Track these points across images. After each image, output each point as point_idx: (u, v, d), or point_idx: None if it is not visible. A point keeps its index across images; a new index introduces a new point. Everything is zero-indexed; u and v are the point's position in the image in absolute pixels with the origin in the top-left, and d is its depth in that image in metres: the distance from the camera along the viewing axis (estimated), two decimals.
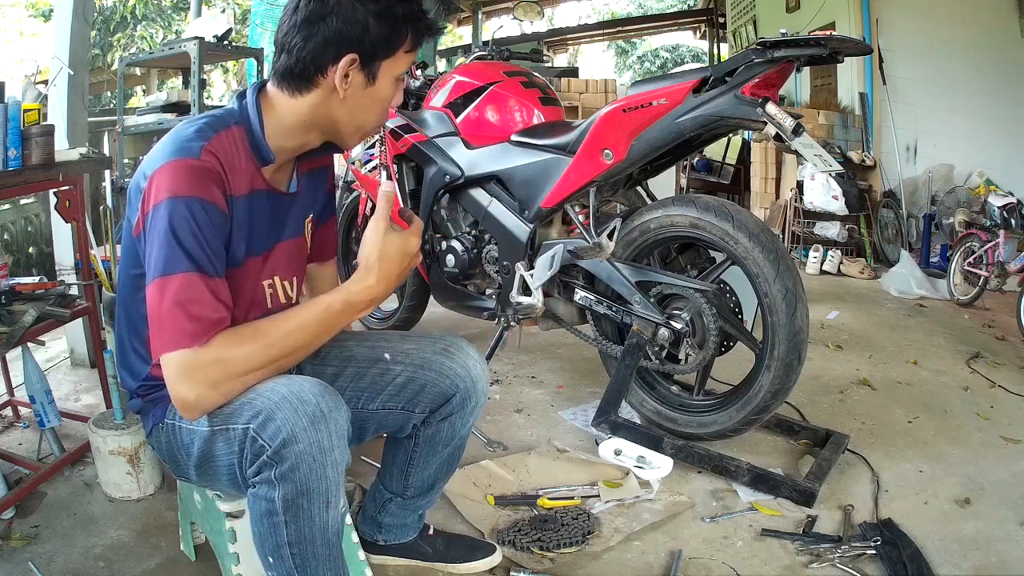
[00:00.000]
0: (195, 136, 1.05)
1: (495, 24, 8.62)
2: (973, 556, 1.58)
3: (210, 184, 1.02)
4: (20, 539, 1.57)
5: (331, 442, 1.00)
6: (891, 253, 5.03)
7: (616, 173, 1.99)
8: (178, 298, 0.97)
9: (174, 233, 0.98)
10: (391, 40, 1.08)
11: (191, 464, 1.14)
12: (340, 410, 1.03)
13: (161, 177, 1.00)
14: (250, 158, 1.11)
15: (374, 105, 1.13)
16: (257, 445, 0.99)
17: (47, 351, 2.66)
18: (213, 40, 3.42)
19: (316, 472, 0.99)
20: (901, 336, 3.32)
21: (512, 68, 2.42)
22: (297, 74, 1.08)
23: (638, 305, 1.98)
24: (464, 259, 2.34)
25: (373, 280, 1.07)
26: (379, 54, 1.08)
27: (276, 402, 0.99)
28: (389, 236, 1.08)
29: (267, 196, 1.16)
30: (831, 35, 1.67)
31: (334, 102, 1.10)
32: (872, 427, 2.25)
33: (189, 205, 0.99)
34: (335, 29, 1.04)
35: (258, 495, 1.02)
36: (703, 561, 1.55)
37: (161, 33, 9.17)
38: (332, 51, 1.05)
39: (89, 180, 2.66)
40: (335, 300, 1.07)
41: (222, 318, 1.00)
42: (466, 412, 1.35)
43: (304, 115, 1.11)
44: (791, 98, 6.78)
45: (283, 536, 1.02)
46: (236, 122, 1.11)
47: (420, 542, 1.52)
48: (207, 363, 0.97)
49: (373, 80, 1.10)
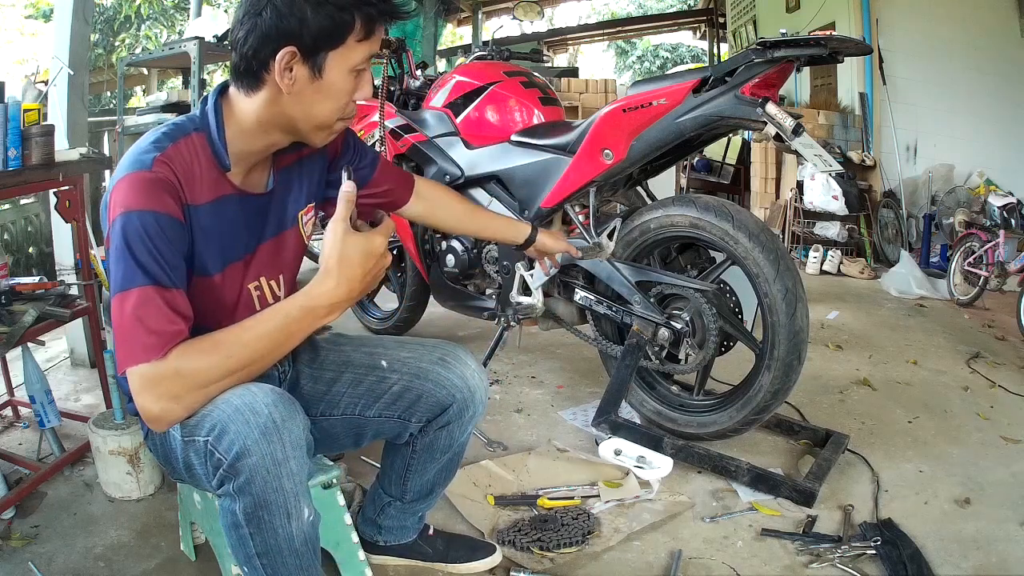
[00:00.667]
0: (150, 148, 1.03)
1: (495, 24, 8.63)
2: (973, 556, 1.58)
3: (163, 195, 1.00)
4: (20, 539, 1.57)
5: (285, 453, 0.97)
6: (891, 253, 5.03)
7: (616, 173, 1.99)
8: (136, 313, 0.95)
9: (128, 248, 0.96)
10: (334, 31, 1.02)
11: (182, 468, 1.14)
12: (295, 420, 1.00)
13: (117, 192, 0.99)
14: (212, 164, 1.08)
15: (327, 99, 1.07)
16: (215, 458, 0.98)
17: (47, 351, 2.66)
18: (213, 40, 3.43)
19: (271, 484, 0.97)
20: (901, 336, 3.32)
21: (512, 68, 2.42)
22: (243, 72, 1.05)
23: (638, 305, 1.98)
24: (464, 259, 2.34)
25: (332, 284, 1.01)
26: (322, 45, 1.02)
27: (229, 414, 0.97)
28: (349, 237, 1.01)
29: (238, 200, 1.13)
30: (831, 35, 1.67)
31: (284, 99, 1.05)
32: (872, 427, 2.25)
33: (142, 218, 0.97)
34: (270, 22, 1.00)
35: (223, 507, 1.01)
36: (703, 561, 1.55)
37: (165, 33, 9.17)
38: (271, 45, 1.01)
39: (89, 180, 2.66)
40: (293, 307, 1.02)
41: (179, 330, 0.97)
42: (464, 421, 1.34)
43: (260, 115, 1.07)
44: (791, 98, 6.78)
45: (251, 547, 1.01)
46: (196, 128, 1.08)
47: (420, 542, 1.52)
48: (166, 377, 0.95)
49: (319, 73, 1.04)
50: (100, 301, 2.14)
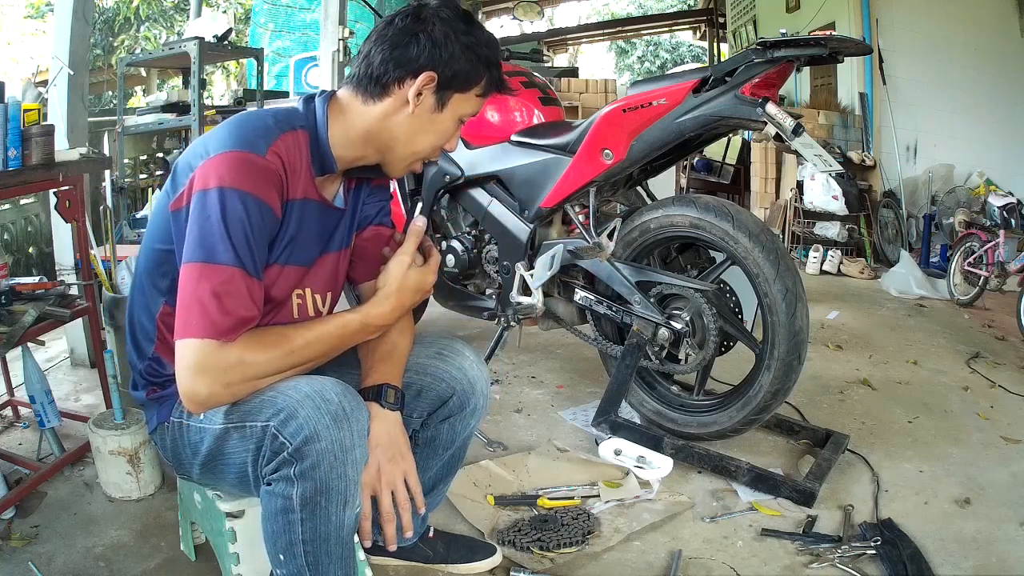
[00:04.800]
0: (263, 132, 1.05)
1: (495, 24, 8.63)
2: (973, 556, 1.58)
3: (269, 185, 1.03)
4: (20, 539, 1.57)
5: (352, 441, 1.00)
6: (891, 253, 5.03)
7: (616, 173, 1.99)
8: (216, 289, 0.97)
9: (225, 224, 0.98)
10: (469, 76, 1.12)
11: (196, 462, 1.14)
12: (362, 410, 1.04)
13: (220, 164, 1.00)
14: (308, 165, 1.12)
15: (433, 134, 1.16)
16: (278, 442, 0.99)
17: (47, 351, 2.66)
18: (213, 40, 3.42)
19: (336, 471, 0.99)
20: (901, 336, 3.32)
21: (512, 68, 2.42)
22: (375, 79, 1.10)
23: (638, 305, 1.98)
24: (464, 259, 2.34)
25: (388, 308, 1.14)
26: (455, 84, 1.12)
27: (299, 400, 0.99)
28: (412, 270, 1.15)
29: (319, 207, 1.16)
30: (831, 35, 1.67)
31: (401, 117, 1.12)
32: (872, 427, 2.25)
33: (245, 201, 0.99)
34: (423, 46, 1.09)
35: (274, 492, 1.02)
36: (703, 561, 1.55)
37: (164, 34, 9.16)
38: (414, 65, 1.09)
39: (89, 180, 2.66)
40: (353, 319, 1.11)
41: (252, 317, 1.00)
42: (466, 414, 1.35)
43: (371, 124, 1.13)
44: (791, 98, 6.78)
45: (297, 534, 1.02)
46: (302, 125, 1.11)
47: (421, 544, 1.52)
48: (229, 364, 0.98)
49: (442, 107, 1.13)
50: (100, 301, 2.14)
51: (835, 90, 6.10)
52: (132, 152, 3.82)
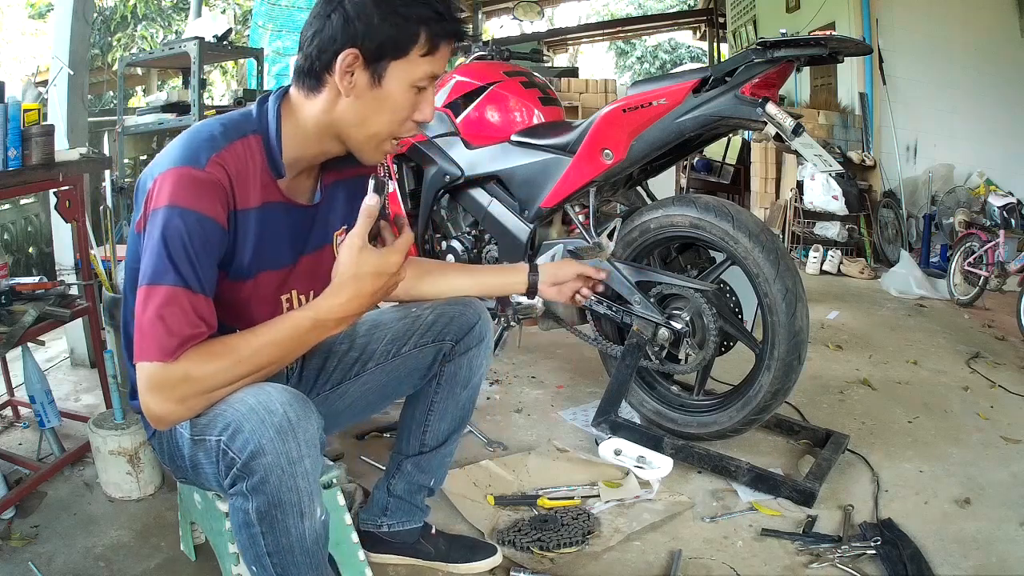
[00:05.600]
0: (206, 144, 1.02)
1: (495, 24, 8.63)
2: (973, 556, 1.58)
3: (211, 198, 1.00)
4: (20, 539, 1.57)
5: (300, 452, 0.97)
6: (891, 253, 5.03)
7: (616, 173, 1.99)
8: (159, 311, 0.95)
9: (166, 243, 0.96)
10: (399, 40, 1.03)
11: (187, 467, 1.14)
12: (309, 419, 1.00)
13: (164, 182, 0.99)
14: (265, 169, 1.09)
15: (384, 111, 1.08)
16: (228, 458, 0.98)
17: (47, 351, 2.66)
18: (213, 40, 3.42)
19: (286, 483, 0.97)
20: (901, 336, 3.32)
21: (512, 68, 2.42)
22: (307, 72, 1.06)
23: (638, 305, 1.98)
24: (464, 259, 2.34)
25: (344, 298, 1.02)
26: (385, 54, 1.03)
27: (244, 413, 0.97)
28: (365, 253, 1.02)
29: (284, 208, 1.13)
30: (831, 35, 1.67)
31: (343, 104, 1.06)
32: (872, 427, 2.25)
33: (184, 218, 0.97)
34: (338, 24, 1.02)
35: (235, 506, 1.01)
36: (703, 561, 1.55)
37: (161, 33, 9.15)
38: (335, 46, 1.02)
39: (89, 180, 2.65)
40: (304, 318, 1.03)
41: (198, 334, 0.98)
42: (482, 348, 1.43)
43: (319, 118, 1.08)
44: (791, 98, 6.78)
45: (261, 546, 1.01)
46: (254, 130, 1.08)
47: (422, 541, 1.52)
48: (175, 380, 0.96)
49: (379, 81, 1.05)
50: (100, 301, 2.14)
51: (835, 90, 6.10)
52: (132, 152, 3.83)
